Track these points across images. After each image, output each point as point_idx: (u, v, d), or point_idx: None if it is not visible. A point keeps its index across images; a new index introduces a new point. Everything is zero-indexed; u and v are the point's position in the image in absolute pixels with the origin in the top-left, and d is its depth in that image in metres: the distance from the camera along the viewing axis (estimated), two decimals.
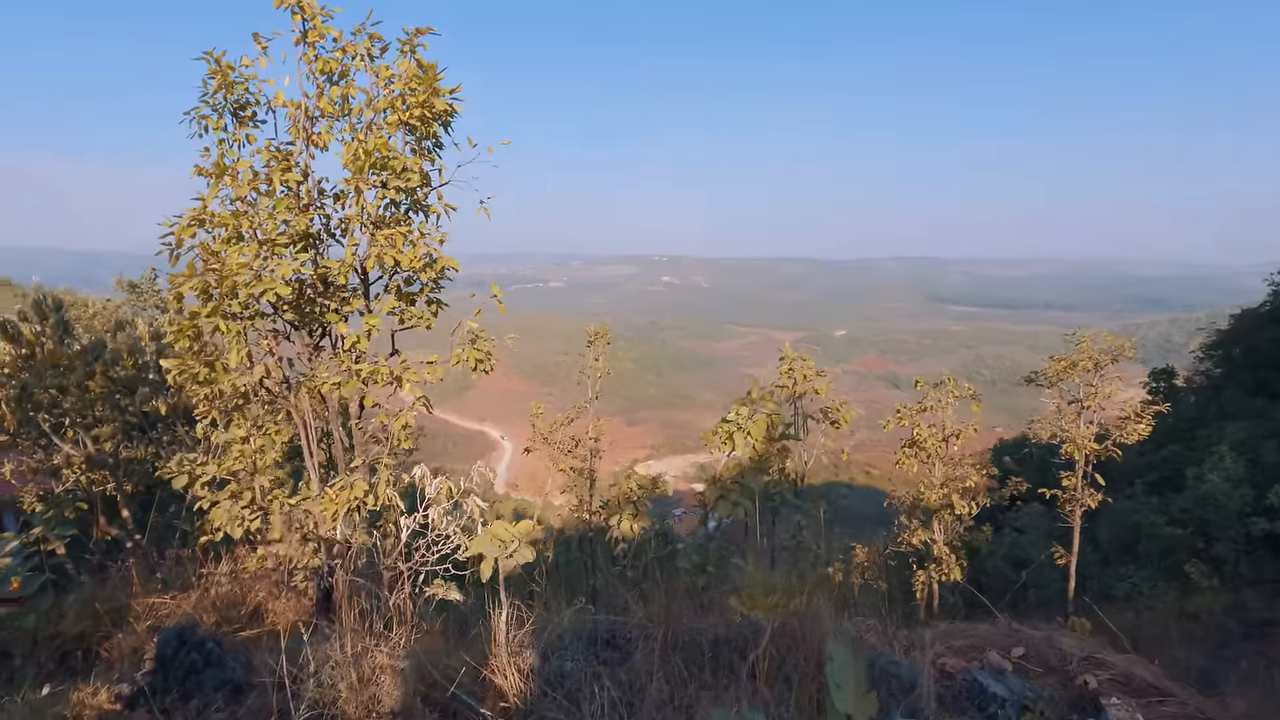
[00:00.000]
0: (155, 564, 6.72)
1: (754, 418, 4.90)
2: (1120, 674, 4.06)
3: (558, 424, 13.14)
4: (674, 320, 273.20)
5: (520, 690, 3.32)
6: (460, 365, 5.50)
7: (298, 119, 5.70)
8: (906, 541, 10.51)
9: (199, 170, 5.28)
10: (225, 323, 5.09)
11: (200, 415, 5.69)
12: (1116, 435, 9.51)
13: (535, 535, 3.72)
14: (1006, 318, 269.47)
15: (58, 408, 6.49)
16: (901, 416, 10.32)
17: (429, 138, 5.62)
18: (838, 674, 1.82)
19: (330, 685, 3.46)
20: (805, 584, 4.48)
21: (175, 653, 3.86)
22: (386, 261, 5.02)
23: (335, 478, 5.98)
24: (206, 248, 5.23)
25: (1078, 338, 9.85)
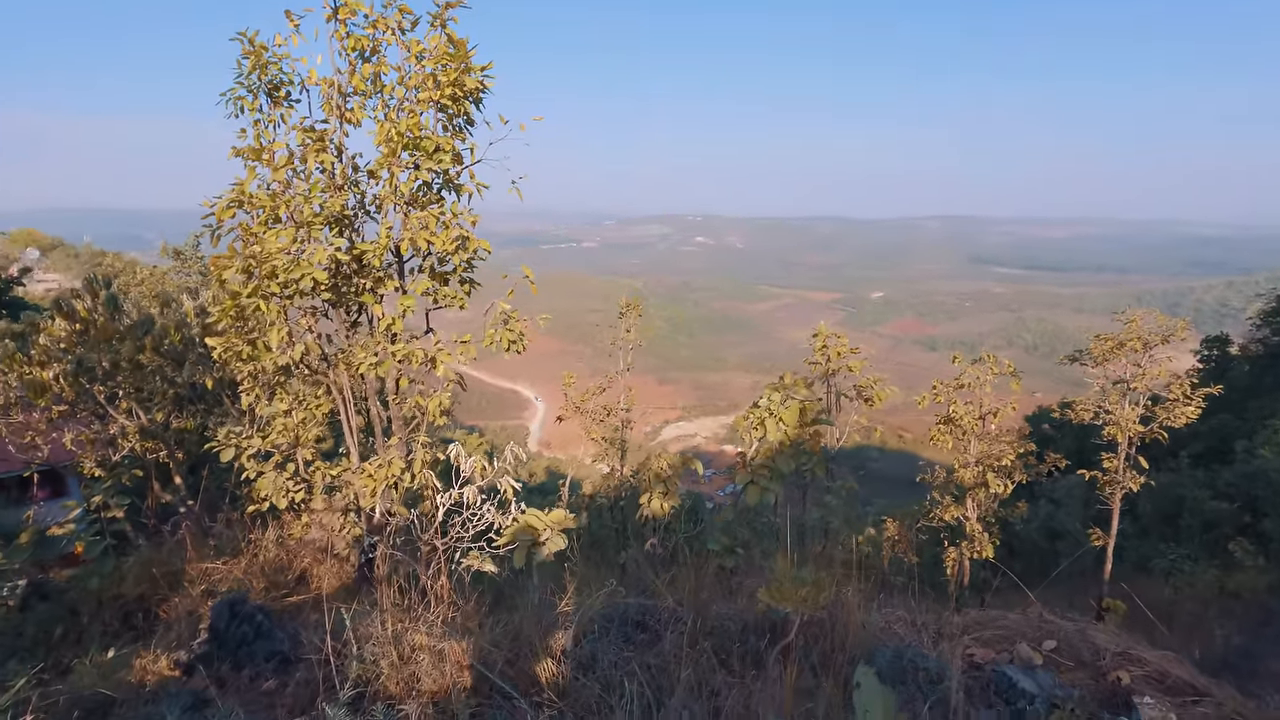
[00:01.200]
0: (207, 529, 7.04)
1: (786, 404, 4.87)
2: (1155, 671, 4.01)
3: (590, 393, 13.24)
4: (707, 281, 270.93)
5: (553, 674, 3.42)
6: (494, 346, 5.54)
7: (331, 96, 5.70)
8: (938, 518, 10.44)
9: (236, 151, 5.33)
10: (265, 303, 5.21)
11: (244, 390, 5.87)
12: (1163, 417, 9.16)
13: (567, 524, 3.78)
14: (1052, 280, 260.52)
15: (112, 380, 6.78)
16: (938, 393, 10.12)
17: (461, 116, 5.57)
18: (867, 700, 1.83)
19: (372, 662, 3.62)
20: (833, 573, 4.50)
21: (227, 625, 4.07)
22: (420, 244, 5.05)
23: (374, 453, 6.16)
24: (246, 228, 5.32)
25: (1127, 317, 9.42)
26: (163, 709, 3.21)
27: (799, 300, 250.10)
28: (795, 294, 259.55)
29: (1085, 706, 3.70)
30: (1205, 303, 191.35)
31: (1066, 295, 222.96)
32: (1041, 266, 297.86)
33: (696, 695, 3.21)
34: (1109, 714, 3.69)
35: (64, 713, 3.37)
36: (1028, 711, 3.63)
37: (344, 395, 6.22)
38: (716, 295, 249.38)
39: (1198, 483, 21.63)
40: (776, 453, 5.04)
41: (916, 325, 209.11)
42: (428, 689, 3.38)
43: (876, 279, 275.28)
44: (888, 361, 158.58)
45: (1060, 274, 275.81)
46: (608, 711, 2.97)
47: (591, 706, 3.04)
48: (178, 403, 7.28)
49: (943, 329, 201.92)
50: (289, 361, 5.71)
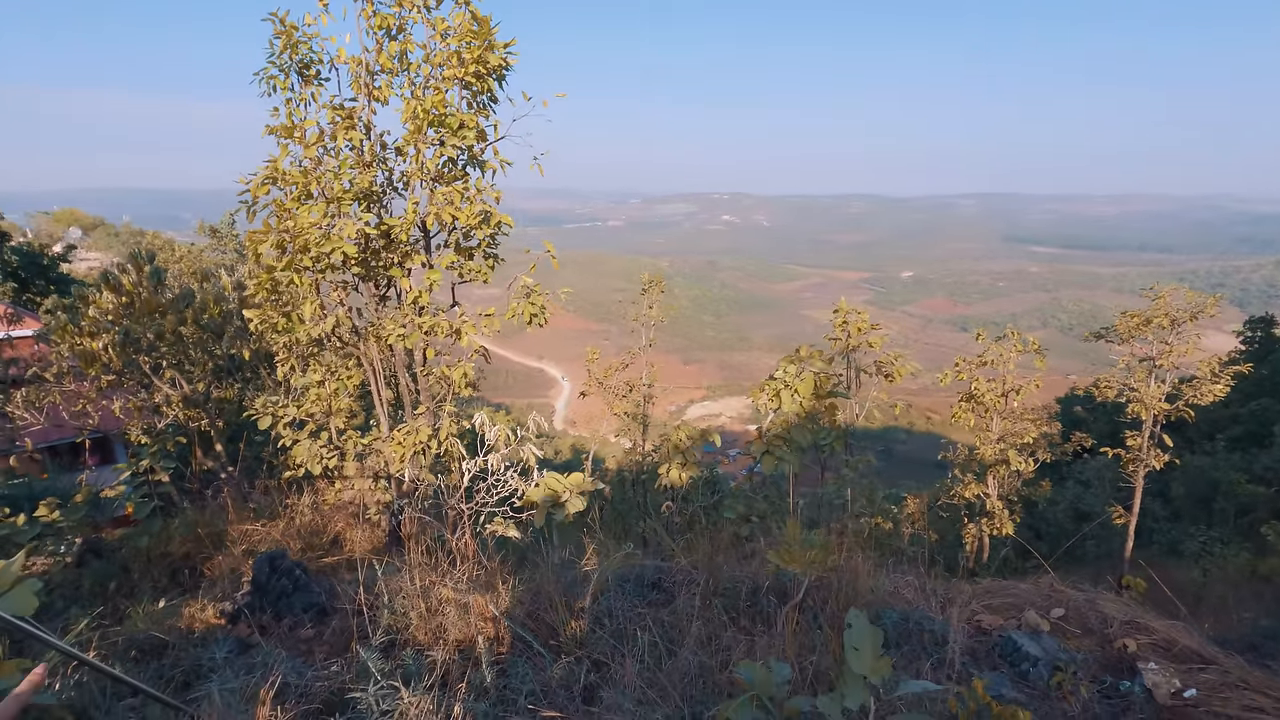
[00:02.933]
0: (246, 493, 7.39)
1: (802, 376, 4.95)
2: (1162, 639, 4.07)
3: (613, 369, 13.40)
4: (733, 260, 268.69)
5: (571, 627, 3.61)
6: (516, 319, 5.70)
7: (359, 75, 5.85)
8: (959, 495, 10.43)
9: (270, 129, 5.52)
10: (298, 276, 5.43)
11: (280, 361, 6.14)
12: (1190, 395, 8.99)
13: (586, 487, 3.95)
14: (1092, 259, 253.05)
15: (156, 351, 7.11)
16: (960, 370, 10.06)
17: (485, 93, 5.69)
18: (856, 638, 1.96)
19: (402, 614, 3.85)
20: (844, 539, 4.61)
21: (268, 578, 4.34)
22: (445, 219, 5.20)
23: (403, 421, 6.40)
24: (280, 204, 5.53)
25: (1155, 293, 9.20)
26: (212, 650, 3.47)
27: (827, 280, 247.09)
28: (823, 273, 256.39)
29: (1089, 670, 3.79)
30: (1252, 282, 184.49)
31: (1106, 275, 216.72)
32: (1082, 245, 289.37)
33: (706, 647, 3.37)
34: (1112, 678, 3.78)
35: (122, 652, 3.65)
36: (1031, 673, 3.73)
37: (374, 366, 6.46)
38: (742, 275, 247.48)
39: (1233, 466, 21.19)
40: (792, 424, 5.14)
41: (947, 305, 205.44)
42: (453, 638, 3.60)
43: (907, 258, 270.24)
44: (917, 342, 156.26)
45: (1101, 253, 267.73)
46: (621, 659, 3.14)
47: (607, 654, 3.22)
48: (217, 373, 7.61)
49: (975, 309, 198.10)
50: (321, 334, 5.95)
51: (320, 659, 3.48)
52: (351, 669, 3.27)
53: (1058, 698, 3.57)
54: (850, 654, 1.94)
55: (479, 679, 3.20)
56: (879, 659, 1.91)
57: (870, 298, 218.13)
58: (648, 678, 3.03)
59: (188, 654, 3.68)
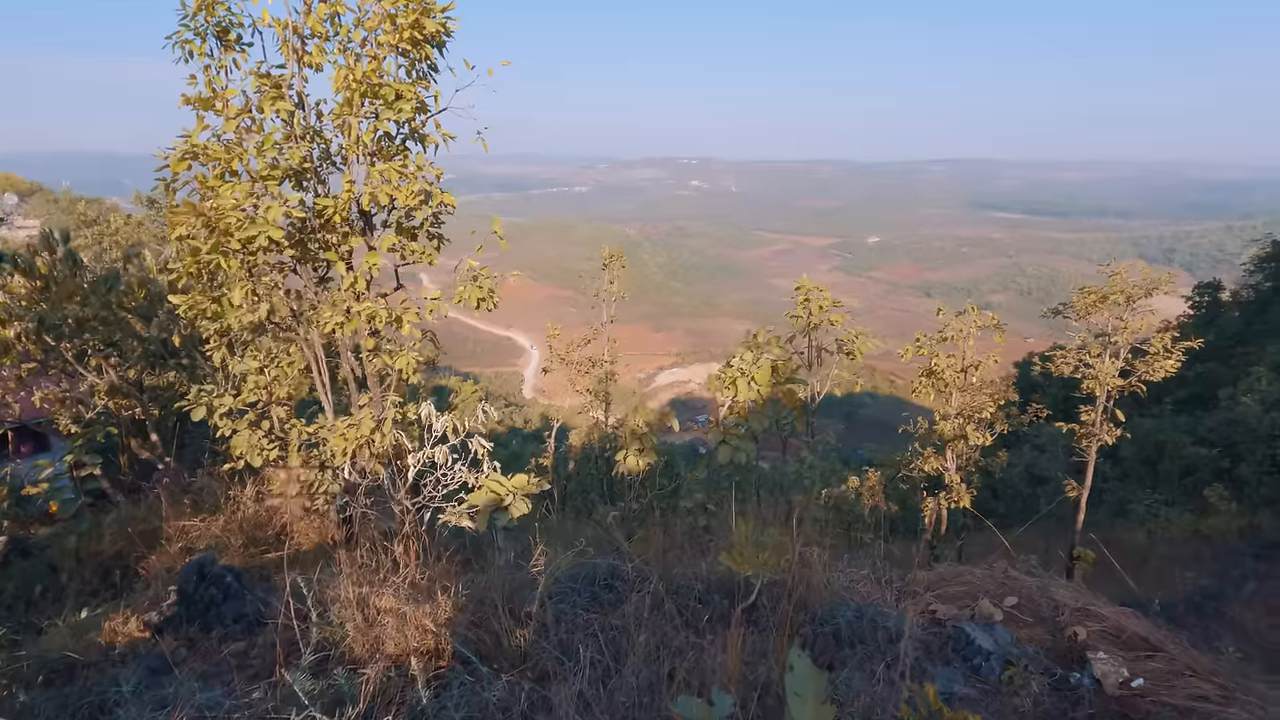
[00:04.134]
0: (186, 486, 7.04)
1: (759, 363, 4.80)
2: (1111, 626, 4.09)
3: (574, 345, 13.16)
4: (701, 226, 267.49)
5: (516, 636, 3.46)
6: (463, 303, 5.43)
7: (287, 38, 5.40)
8: (919, 468, 10.54)
9: (186, 99, 5.07)
10: (226, 259, 5.05)
11: (210, 350, 5.77)
12: (1142, 371, 9.14)
13: (530, 489, 3.76)
14: (1054, 225, 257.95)
15: (79, 337, 6.65)
16: (920, 346, 10.05)
17: (424, 61, 5.30)
18: (798, 684, 1.82)
19: (339, 624, 3.65)
20: (802, 531, 4.53)
21: (195, 587, 4.09)
22: (381, 198, 4.86)
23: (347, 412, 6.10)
24: (204, 180, 5.12)
25: (1111, 269, 9.27)
26: (124, 672, 3.23)
27: (795, 246, 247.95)
28: (791, 239, 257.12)
29: (1039, 663, 3.78)
30: (1202, 247, 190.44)
31: (1066, 240, 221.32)
32: (1044, 212, 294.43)
33: (656, 657, 3.24)
34: (1063, 669, 3.78)
35: (30, 676, 3.40)
36: (983, 668, 3.71)
37: (315, 353, 6.13)
38: (711, 241, 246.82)
39: (1179, 429, 21.96)
40: (750, 411, 5.01)
41: (913, 271, 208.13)
42: (391, 652, 3.42)
43: (875, 224, 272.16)
44: (881, 308, 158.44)
45: (1062, 219, 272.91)
46: (564, 676, 3.00)
47: (550, 672, 3.07)
48: (149, 359, 7.18)
49: (940, 275, 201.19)
50: (255, 320, 5.59)
51: (244, 682, 3.27)
52: (277, 694, 3.08)
53: (1009, 693, 3.55)
54: (793, 700, 1.80)
55: (415, 699, 3.03)
56: (822, 705, 1.78)
57: (838, 264, 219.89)
58: (591, 696, 2.89)
59: (104, 676, 3.44)
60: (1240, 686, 3.59)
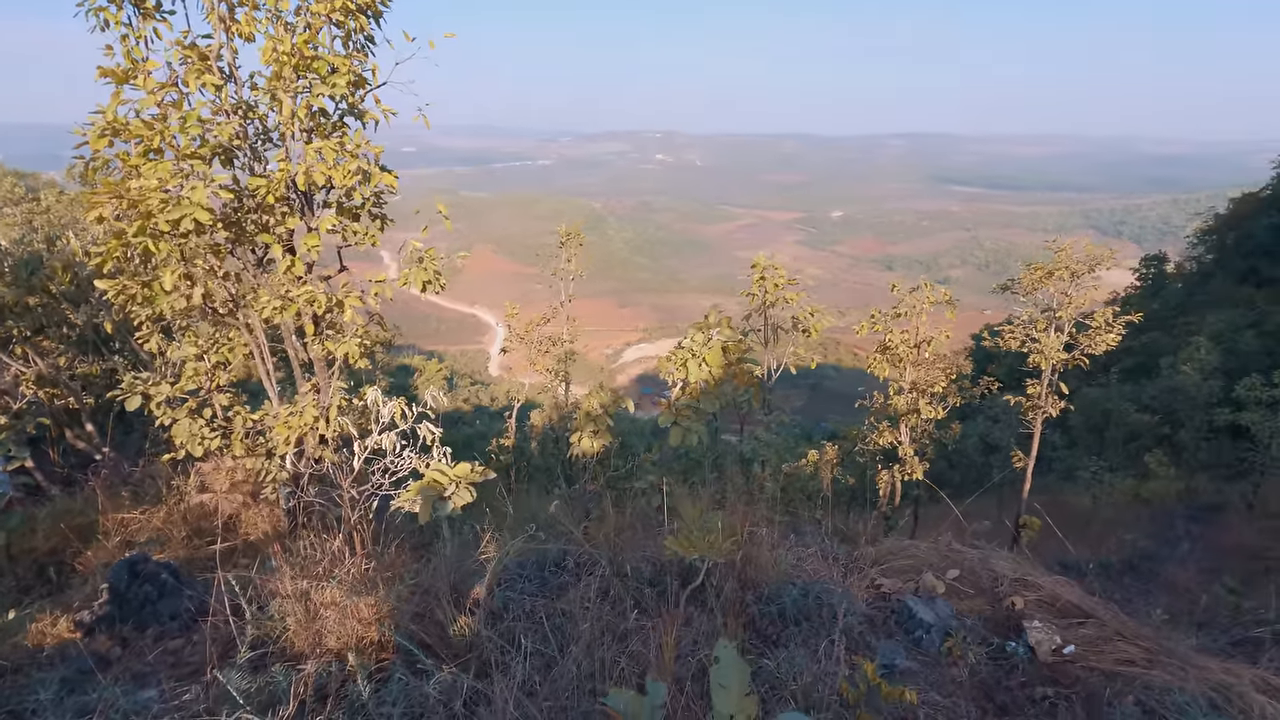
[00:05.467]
0: (126, 476, 6.79)
1: (709, 344, 4.79)
2: (1047, 595, 4.24)
3: (533, 324, 13.02)
4: (667, 201, 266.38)
5: (461, 626, 3.42)
6: (409, 285, 5.28)
7: (215, 6, 5.10)
8: (874, 441, 10.78)
9: (103, 71, 4.77)
10: (155, 242, 4.81)
11: (142, 338, 5.51)
12: (1085, 345, 9.43)
13: (473, 478, 3.70)
14: (1010, 199, 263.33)
15: (1, 325, 6.30)
16: (875, 322, 10.21)
17: (359, 32, 5.07)
18: (723, 675, 1.82)
19: (280, 618, 3.56)
20: (752, 510, 4.57)
21: (128, 585, 3.95)
22: (317, 178, 4.66)
23: (293, 398, 5.93)
24: (126, 158, 4.84)
25: (1056, 245, 9.51)
26: (46, 677, 3.11)
27: (760, 220, 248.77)
28: (756, 214, 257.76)
29: (978, 633, 3.90)
30: (1149, 220, 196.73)
31: (1021, 214, 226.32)
32: (1002, 185, 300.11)
33: (602, 643, 3.24)
34: (1000, 638, 3.91)
35: None
36: (924, 640, 3.81)
37: (257, 338, 5.92)
38: (676, 216, 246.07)
39: (1124, 397, 22.81)
40: (702, 392, 5.00)
41: (876, 245, 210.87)
42: (331, 646, 3.35)
43: (838, 198, 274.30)
44: (844, 281, 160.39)
45: (1018, 192, 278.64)
46: (506, 667, 2.98)
47: (493, 662, 3.04)
48: (80, 346, 6.85)
49: (900, 248, 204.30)
50: (189, 305, 5.36)
51: (177, 683, 3.18)
52: (211, 694, 3.00)
53: (948, 663, 3.66)
54: (716, 692, 1.81)
55: (355, 694, 2.98)
56: (745, 697, 1.79)
57: (802, 238, 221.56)
58: (533, 686, 2.88)
59: (26, 680, 3.30)
60: (1165, 649, 3.75)
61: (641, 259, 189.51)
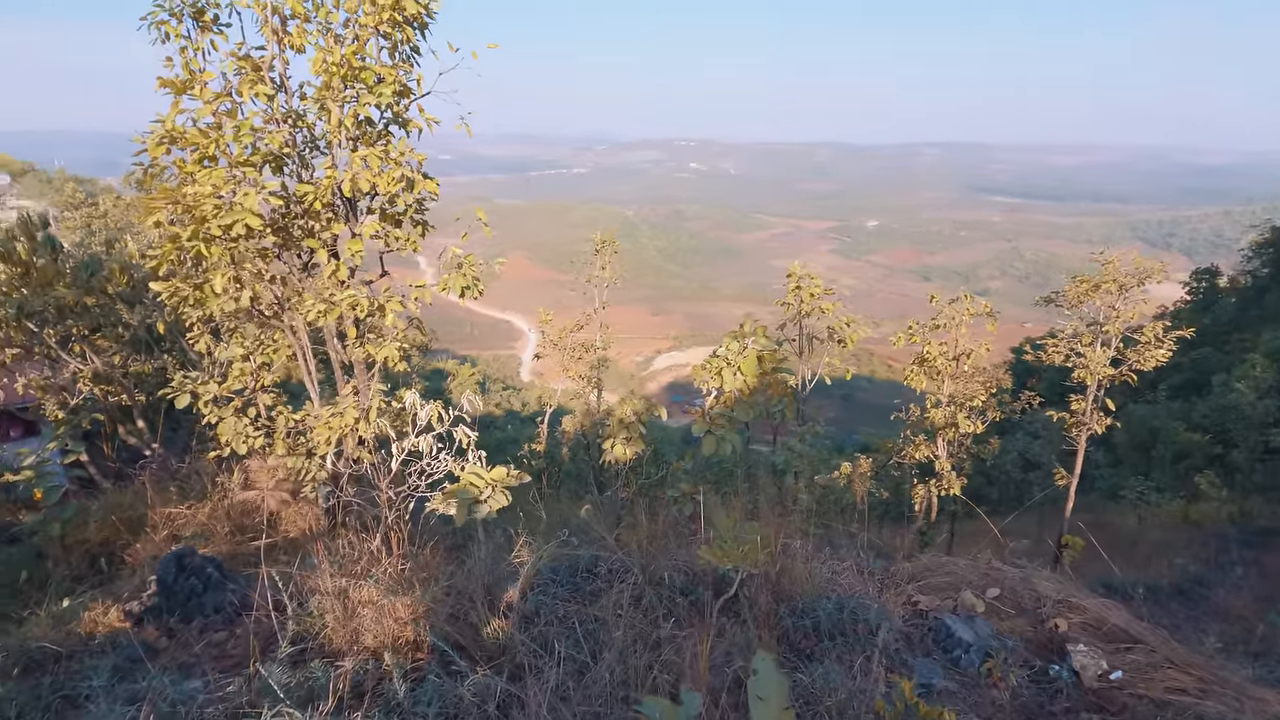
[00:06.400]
0: (174, 472, 7.02)
1: (744, 353, 4.76)
2: (1092, 618, 4.10)
3: (566, 331, 13.10)
4: (700, 209, 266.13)
5: (495, 629, 3.45)
6: (448, 291, 5.37)
7: (267, 19, 5.28)
8: (910, 455, 10.56)
9: (163, 82, 4.97)
10: (207, 246, 4.98)
11: (194, 338, 5.70)
12: (1134, 360, 9.10)
13: (509, 481, 3.73)
14: (1051, 209, 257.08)
15: (62, 323, 6.59)
16: (913, 333, 10.02)
17: (406, 43, 5.20)
18: (762, 687, 1.80)
19: (318, 615, 3.63)
20: (787, 522, 4.52)
21: (175, 578, 4.07)
22: (362, 185, 4.78)
23: (333, 399, 6.06)
24: (182, 165, 5.03)
25: (1104, 258, 9.19)
26: (100, 664, 3.22)
27: (794, 229, 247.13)
28: (790, 222, 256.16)
29: (1019, 655, 3.79)
30: (1200, 233, 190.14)
31: (1064, 225, 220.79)
32: (1041, 195, 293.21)
33: (634, 651, 3.24)
34: (1042, 661, 3.79)
35: (7, 668, 3.38)
36: (963, 660, 3.72)
37: (301, 340, 6.08)
38: (710, 224, 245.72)
39: (1173, 414, 22.01)
40: (736, 401, 4.97)
41: (911, 255, 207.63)
42: (369, 644, 3.41)
43: (872, 207, 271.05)
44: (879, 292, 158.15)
45: (1060, 203, 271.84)
46: (539, 671, 2.99)
47: (526, 665, 3.06)
48: (134, 345, 7.11)
49: (937, 258, 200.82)
50: (238, 307, 5.53)
51: (221, 675, 3.27)
52: (252, 687, 3.07)
53: (988, 685, 3.56)
54: (755, 704, 1.79)
55: (390, 693, 3.02)
56: (784, 711, 1.77)
57: (836, 247, 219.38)
58: (566, 691, 2.89)
59: (80, 667, 3.42)
60: (1219, 679, 3.60)
61: (674, 267, 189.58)
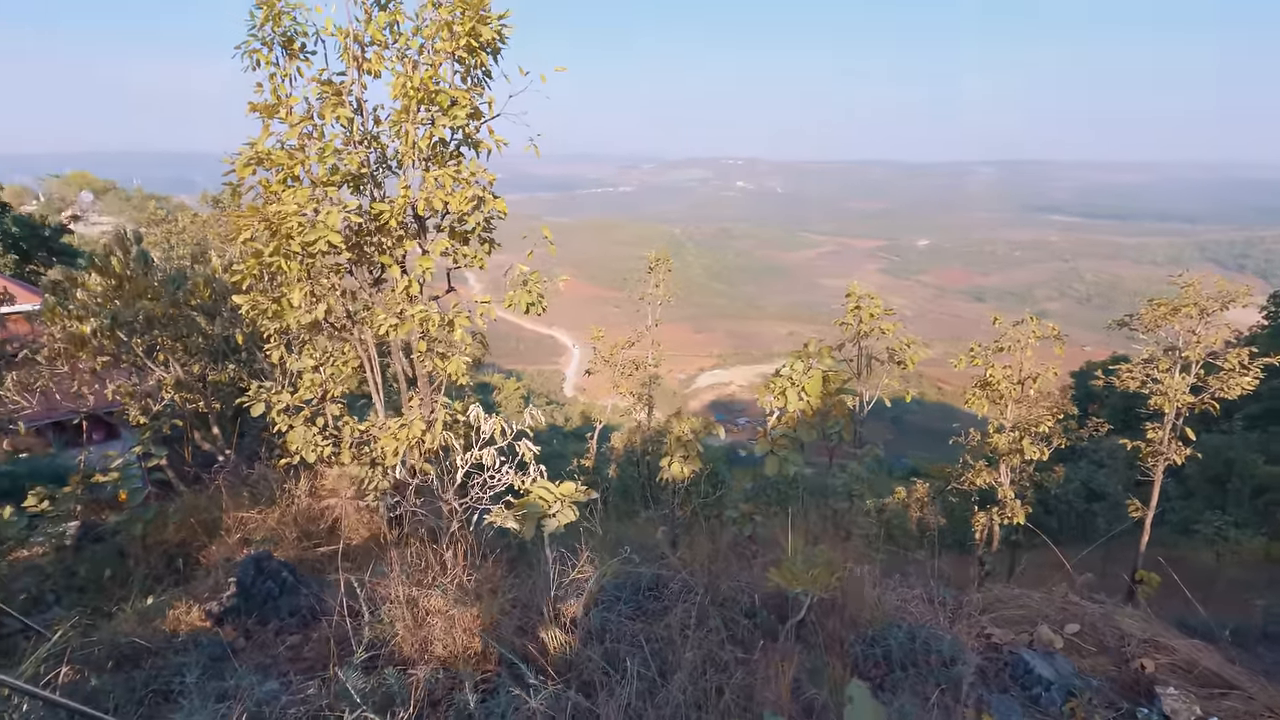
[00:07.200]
0: (244, 476, 7.29)
1: (809, 373, 4.71)
2: (1182, 660, 3.88)
3: (618, 347, 13.18)
4: (746, 228, 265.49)
5: (561, 643, 3.46)
6: (513, 307, 5.48)
7: (348, 45, 5.53)
8: (970, 481, 10.22)
9: (253, 107, 5.24)
10: (287, 261, 5.20)
11: (270, 347, 5.95)
12: (1216, 387, 8.60)
13: (577, 497, 3.76)
14: (1113, 229, 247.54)
15: (149, 333, 6.97)
16: (975, 356, 9.73)
17: (479, 68, 5.37)
18: (858, 716, 1.76)
19: (389, 623, 3.71)
20: (850, 546, 4.43)
21: (253, 581, 4.22)
22: (435, 204, 4.94)
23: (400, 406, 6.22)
24: (267, 184, 5.29)
25: (1183, 280, 8.73)
26: (188, 660, 3.35)
27: (841, 247, 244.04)
28: (838, 241, 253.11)
29: (1104, 695, 3.61)
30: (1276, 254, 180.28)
31: (1128, 245, 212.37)
32: (1103, 215, 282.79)
33: (702, 672, 3.21)
34: (1129, 703, 3.60)
35: (101, 661, 3.55)
36: (1043, 698, 3.56)
37: (369, 353, 6.27)
38: (756, 243, 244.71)
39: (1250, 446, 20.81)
40: (798, 422, 4.92)
41: (964, 275, 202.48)
42: (438, 654, 3.46)
43: (924, 226, 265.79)
44: (930, 312, 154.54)
45: (1123, 222, 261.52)
46: (610, 688, 2.99)
47: (595, 682, 3.06)
48: (213, 355, 7.47)
49: (991, 279, 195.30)
50: (313, 320, 5.74)
51: (299, 676, 3.36)
52: (330, 690, 3.15)
53: None
54: None
55: (462, 702, 3.06)
56: None
57: (885, 266, 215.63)
58: (636, 710, 2.87)
59: (167, 663, 3.57)
60: None
61: (719, 285, 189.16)
